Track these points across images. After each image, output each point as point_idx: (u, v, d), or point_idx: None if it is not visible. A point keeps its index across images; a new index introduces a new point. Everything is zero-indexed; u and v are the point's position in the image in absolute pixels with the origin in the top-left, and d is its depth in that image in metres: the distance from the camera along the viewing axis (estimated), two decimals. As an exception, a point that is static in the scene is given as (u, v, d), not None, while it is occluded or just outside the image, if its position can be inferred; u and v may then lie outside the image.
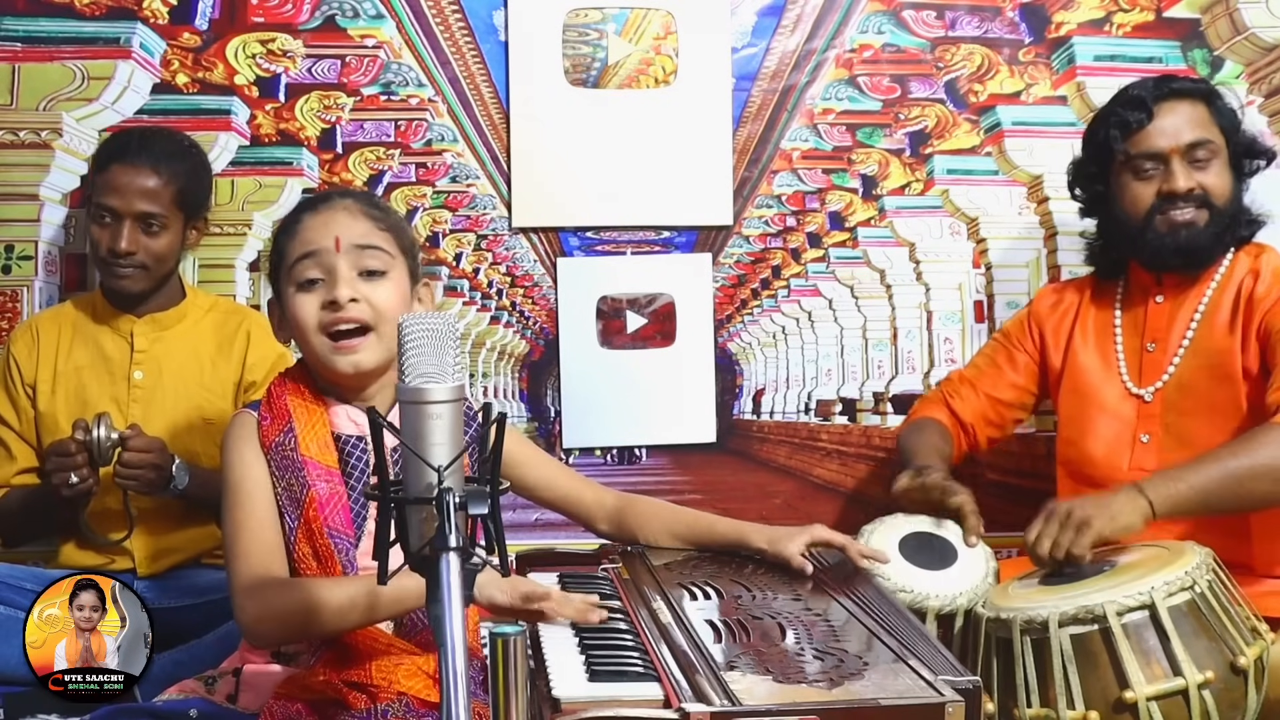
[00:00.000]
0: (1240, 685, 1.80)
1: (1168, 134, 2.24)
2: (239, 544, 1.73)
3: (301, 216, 1.82)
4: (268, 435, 1.78)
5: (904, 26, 2.87)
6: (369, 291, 1.77)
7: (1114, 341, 2.33)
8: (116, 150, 2.40)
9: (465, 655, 1.22)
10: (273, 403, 1.81)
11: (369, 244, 1.78)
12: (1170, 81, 2.29)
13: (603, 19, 2.81)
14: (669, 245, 2.88)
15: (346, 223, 1.79)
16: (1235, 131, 2.28)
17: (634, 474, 2.90)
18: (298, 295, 1.79)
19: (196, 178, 2.46)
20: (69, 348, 2.46)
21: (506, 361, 2.92)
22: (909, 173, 2.91)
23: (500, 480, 1.32)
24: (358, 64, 2.78)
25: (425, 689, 1.70)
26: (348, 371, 1.77)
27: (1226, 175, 2.26)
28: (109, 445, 2.22)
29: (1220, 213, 2.23)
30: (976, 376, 2.46)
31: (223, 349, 2.48)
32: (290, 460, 1.75)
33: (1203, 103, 2.27)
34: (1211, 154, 2.24)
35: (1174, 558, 1.87)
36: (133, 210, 2.36)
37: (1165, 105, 2.25)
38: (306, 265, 1.77)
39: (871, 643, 1.57)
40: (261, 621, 1.69)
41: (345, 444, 1.80)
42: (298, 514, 1.74)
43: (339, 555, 1.72)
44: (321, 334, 1.77)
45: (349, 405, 1.83)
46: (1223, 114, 2.27)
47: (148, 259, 2.39)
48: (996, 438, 2.48)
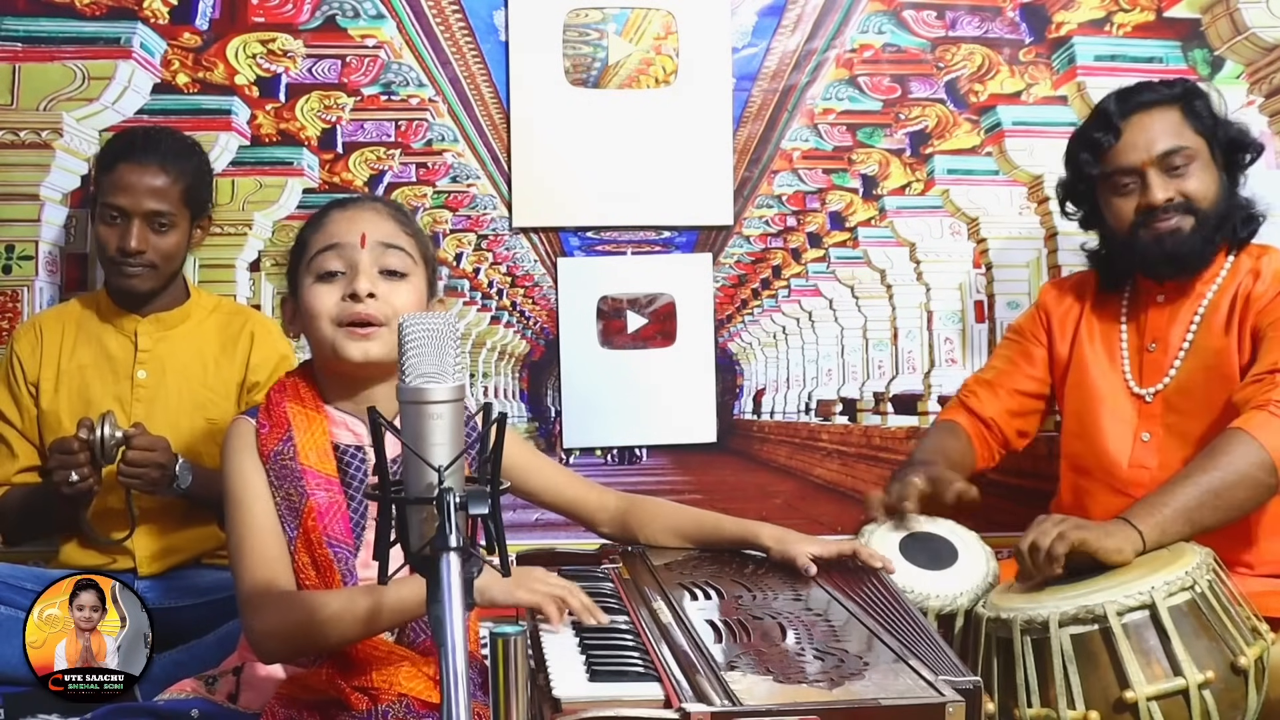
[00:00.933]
0: (1240, 685, 1.80)
1: (1139, 147, 2.22)
2: (243, 557, 1.73)
3: (330, 212, 1.83)
4: (266, 444, 1.77)
5: (904, 26, 2.87)
6: (388, 290, 1.77)
7: (1119, 340, 2.32)
8: (123, 150, 2.40)
9: (465, 655, 1.22)
10: (271, 410, 1.81)
11: (393, 244, 1.79)
12: (1138, 93, 2.26)
13: (603, 19, 2.81)
14: (669, 245, 2.88)
15: (373, 220, 1.80)
16: (1215, 130, 2.24)
17: (634, 474, 2.90)
18: (315, 285, 1.78)
19: (202, 176, 2.47)
20: (72, 346, 2.46)
21: (507, 361, 2.92)
22: (909, 173, 2.91)
23: (500, 480, 1.32)
24: (358, 64, 2.79)
25: (426, 690, 1.70)
26: (356, 357, 1.76)
27: (1210, 176, 2.23)
28: (113, 444, 2.22)
29: (1206, 215, 2.21)
30: (994, 376, 2.45)
31: (226, 349, 2.48)
32: (289, 469, 1.75)
33: (1175, 107, 2.23)
34: (1188, 159, 2.21)
35: (1174, 558, 1.87)
36: (142, 209, 2.36)
37: (1133, 119, 2.23)
38: (329, 257, 1.78)
39: (872, 643, 1.57)
40: (266, 638, 1.69)
41: (344, 453, 1.79)
42: (296, 523, 1.73)
43: (338, 565, 1.72)
44: (334, 324, 1.77)
45: (348, 415, 1.82)
46: (1198, 115, 2.23)
47: (157, 258, 2.39)
48: (1027, 431, 2.46)
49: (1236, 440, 2.00)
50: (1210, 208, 2.21)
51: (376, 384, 1.81)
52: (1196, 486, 1.98)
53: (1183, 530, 1.95)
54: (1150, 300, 2.31)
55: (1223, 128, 2.25)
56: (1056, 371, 2.41)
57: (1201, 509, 1.96)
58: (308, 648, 1.70)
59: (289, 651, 1.72)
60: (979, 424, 2.41)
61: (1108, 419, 2.29)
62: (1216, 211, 2.22)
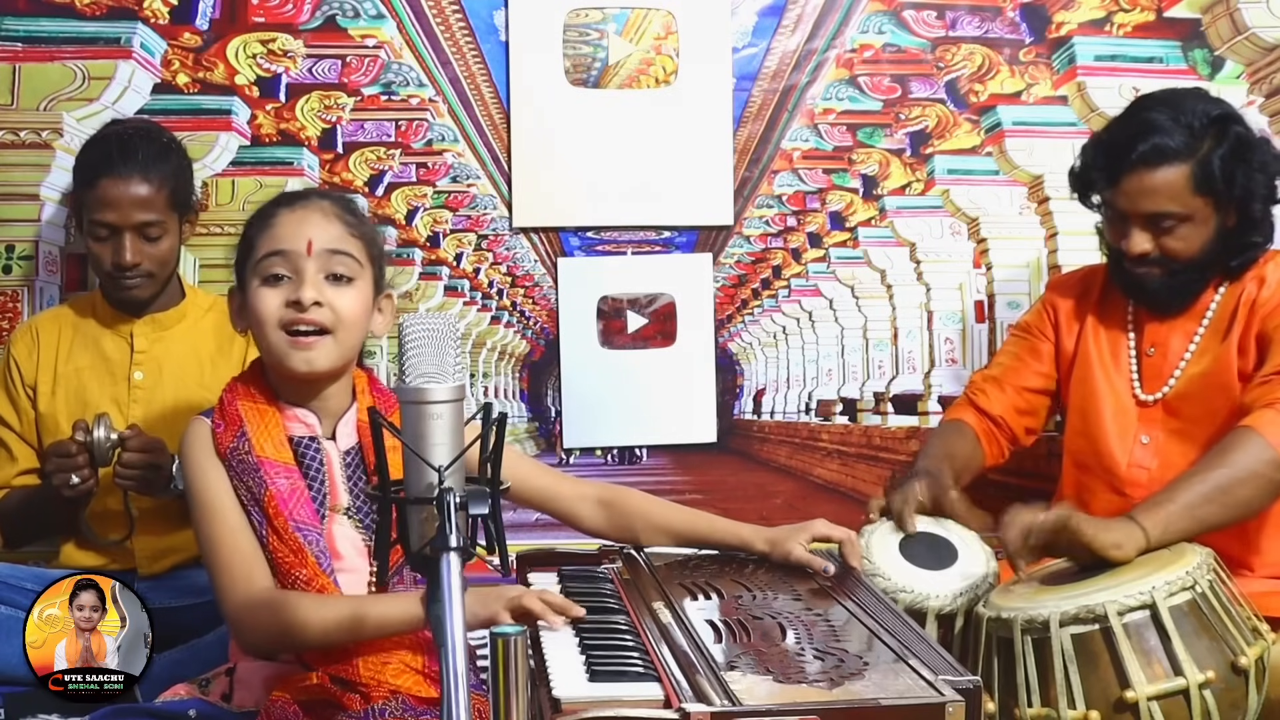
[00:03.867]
0: (1241, 685, 1.80)
1: (1130, 199, 2.15)
2: (219, 560, 1.76)
3: (277, 211, 1.83)
4: (222, 441, 1.79)
5: (904, 26, 2.87)
6: (333, 296, 1.78)
7: (1123, 341, 2.31)
8: (100, 162, 2.34)
9: (465, 655, 1.22)
10: (225, 409, 1.82)
11: (340, 249, 1.79)
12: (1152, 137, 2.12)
13: (603, 19, 2.81)
14: (669, 245, 2.88)
15: (320, 224, 1.80)
16: (1231, 188, 2.12)
17: (634, 474, 2.90)
18: (261, 289, 1.79)
19: (183, 174, 2.44)
20: (69, 349, 2.46)
21: (507, 361, 2.92)
22: (909, 173, 2.91)
23: (501, 480, 1.32)
24: (358, 64, 2.78)
25: (417, 685, 1.71)
26: (301, 370, 1.78)
27: (1201, 231, 2.15)
28: (109, 446, 2.21)
29: (1184, 268, 2.17)
30: (1001, 372, 2.44)
31: (223, 349, 2.48)
32: (246, 463, 1.77)
33: (1184, 167, 2.11)
34: (1179, 220, 2.14)
35: (1175, 558, 1.87)
36: (131, 222, 2.33)
37: (1134, 173, 2.14)
38: (274, 262, 1.78)
39: (872, 643, 1.57)
40: (254, 646, 1.77)
41: (299, 444, 1.82)
42: (262, 513, 1.75)
43: (310, 547, 1.74)
44: (280, 330, 1.77)
45: (299, 409, 1.83)
46: (1209, 176, 2.10)
47: (153, 266, 2.38)
48: (1034, 428, 2.44)
49: (1245, 438, 2.00)
50: (1189, 262, 2.17)
51: (325, 386, 1.83)
52: (1204, 484, 1.97)
53: (1188, 528, 1.95)
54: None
55: (1244, 185, 2.13)
56: (1063, 366, 2.40)
57: (1209, 505, 1.96)
58: (292, 649, 1.76)
59: (276, 651, 1.78)
60: (987, 422, 2.40)
61: (1109, 418, 2.29)
62: (1196, 264, 2.18)
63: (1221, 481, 1.97)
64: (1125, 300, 2.34)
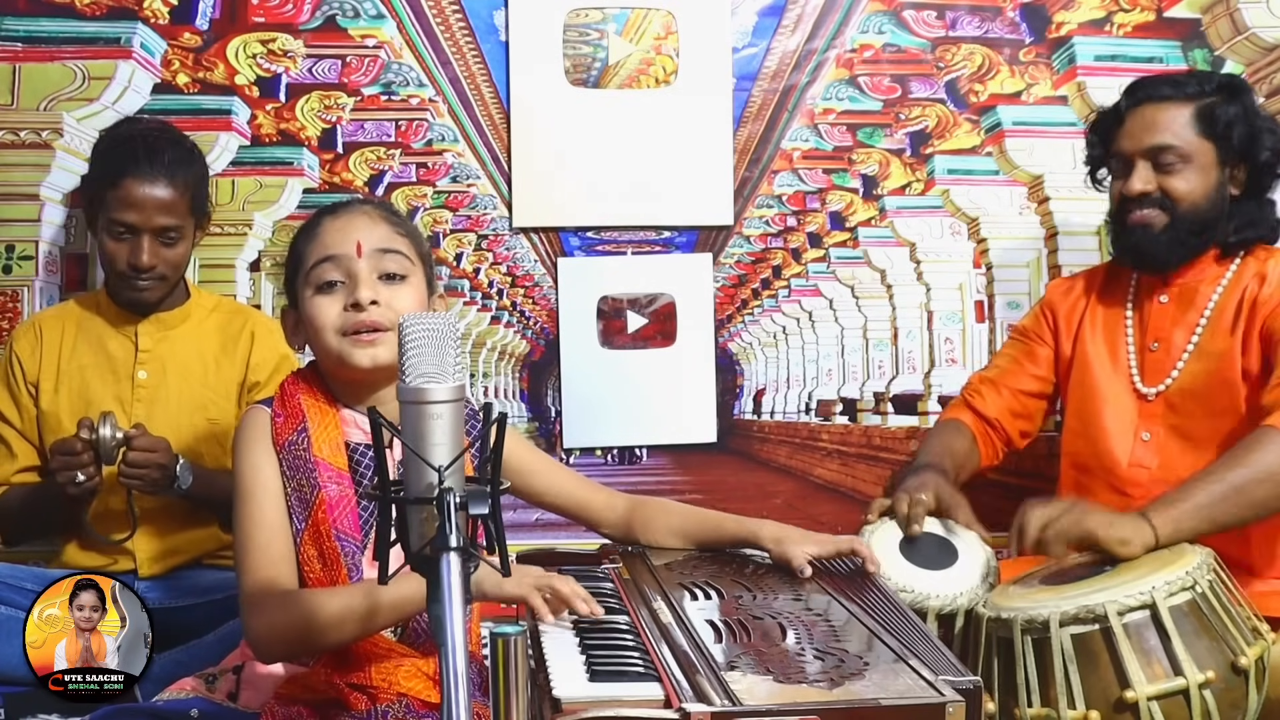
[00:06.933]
0: (1241, 685, 1.80)
1: (1133, 136, 2.23)
2: (247, 554, 1.73)
3: (321, 220, 1.82)
4: (281, 433, 1.77)
5: (904, 26, 2.87)
6: (390, 296, 1.77)
7: (1123, 338, 2.32)
8: (127, 162, 2.33)
9: (466, 655, 1.22)
10: (286, 401, 1.81)
11: (390, 248, 1.79)
12: (1158, 84, 2.26)
13: (603, 19, 2.81)
14: (669, 245, 2.88)
15: (366, 227, 1.79)
16: (1232, 138, 2.19)
17: (634, 474, 2.90)
18: (316, 298, 1.78)
19: (203, 180, 2.45)
20: (72, 347, 2.45)
21: (507, 361, 2.92)
22: (909, 173, 2.91)
23: (500, 480, 1.32)
24: (358, 64, 2.78)
25: (425, 690, 1.70)
26: (364, 365, 1.76)
27: (1204, 179, 2.20)
28: (113, 444, 2.21)
29: (1184, 216, 2.20)
30: (997, 375, 2.45)
31: (227, 349, 2.48)
32: (302, 460, 1.75)
33: (1188, 106, 2.21)
34: (1181, 159, 2.19)
35: (1175, 558, 1.87)
36: (152, 225, 2.33)
37: (1140, 109, 2.24)
38: (327, 268, 1.77)
39: (872, 643, 1.57)
40: (264, 639, 1.69)
41: (355, 451, 1.80)
42: (306, 515, 1.73)
43: (345, 559, 1.72)
44: (339, 334, 1.76)
45: (359, 414, 1.81)
46: (1212, 120, 2.19)
47: (167, 270, 2.38)
48: (1029, 431, 2.46)
49: (1267, 438, 2.00)
50: (1190, 209, 2.20)
51: (383, 387, 1.81)
52: (1220, 483, 1.97)
53: (1199, 527, 1.95)
54: (1154, 300, 2.31)
55: (1247, 140, 2.20)
56: (1061, 370, 2.41)
57: (1223, 504, 1.96)
58: (307, 648, 1.71)
59: (287, 651, 1.72)
60: (983, 423, 2.41)
61: (1109, 417, 2.29)
62: (1198, 215, 2.20)
63: (1238, 481, 1.97)
64: (1125, 296, 2.34)
